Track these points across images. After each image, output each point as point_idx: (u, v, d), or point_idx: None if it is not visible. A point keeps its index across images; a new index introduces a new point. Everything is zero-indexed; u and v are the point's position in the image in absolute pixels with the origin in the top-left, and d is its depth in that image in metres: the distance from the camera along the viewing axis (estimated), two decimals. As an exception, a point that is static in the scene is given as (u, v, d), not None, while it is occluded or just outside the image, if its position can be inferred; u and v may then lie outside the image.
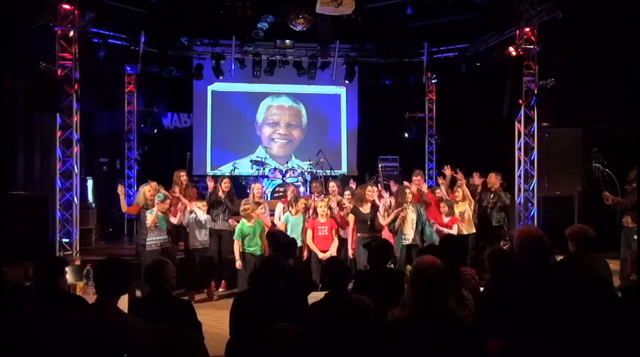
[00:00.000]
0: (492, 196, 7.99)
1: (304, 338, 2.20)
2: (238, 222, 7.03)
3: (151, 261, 3.68)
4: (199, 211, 7.13)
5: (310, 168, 11.07)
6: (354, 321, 3.18)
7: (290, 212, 7.11)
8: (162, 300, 3.41)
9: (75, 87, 7.88)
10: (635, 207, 6.86)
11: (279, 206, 7.54)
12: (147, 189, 7.27)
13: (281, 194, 9.86)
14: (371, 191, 7.25)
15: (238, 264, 6.70)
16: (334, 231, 7.05)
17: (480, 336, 2.67)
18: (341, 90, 12.88)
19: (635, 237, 6.87)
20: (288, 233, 7.00)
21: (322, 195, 7.78)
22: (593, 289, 3.84)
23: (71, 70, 7.83)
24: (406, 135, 12.38)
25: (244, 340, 3.30)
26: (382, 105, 12.28)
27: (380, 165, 10.67)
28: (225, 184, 7.71)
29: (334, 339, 3.18)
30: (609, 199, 7.01)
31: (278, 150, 12.70)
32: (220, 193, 7.61)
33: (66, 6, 7.82)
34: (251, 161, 11.16)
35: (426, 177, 12.15)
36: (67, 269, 6.10)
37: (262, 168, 11.00)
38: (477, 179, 8.24)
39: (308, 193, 9.44)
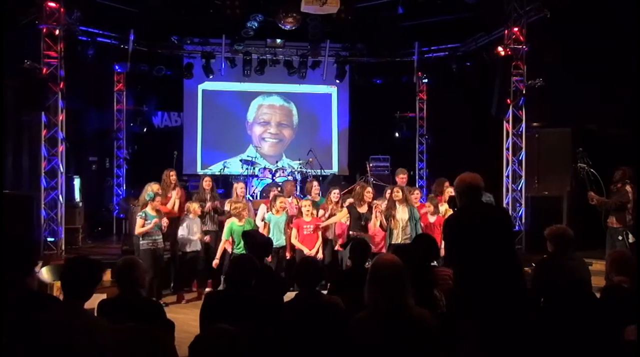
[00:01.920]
0: None
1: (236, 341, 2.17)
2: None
3: (122, 261, 3.65)
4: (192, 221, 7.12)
5: (300, 168, 11.05)
6: (323, 321, 3.16)
7: (271, 211, 7.09)
8: (132, 300, 3.39)
9: (61, 86, 7.83)
10: (619, 208, 6.86)
11: (262, 208, 7.52)
12: (155, 188, 7.16)
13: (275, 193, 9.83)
14: (369, 192, 7.24)
15: (215, 262, 6.69)
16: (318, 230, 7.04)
17: (443, 336, 2.66)
18: (332, 90, 12.86)
19: (620, 237, 6.87)
20: (270, 232, 7.00)
21: (293, 195, 7.76)
22: (572, 290, 3.86)
23: (57, 69, 7.79)
24: (397, 135, 12.36)
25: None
26: (373, 104, 12.26)
27: (369, 164, 10.60)
28: (207, 183, 7.67)
29: (302, 339, 3.16)
30: (594, 200, 7.01)
31: (269, 149, 12.68)
32: (206, 194, 7.59)
33: (52, 4, 7.77)
34: (241, 161, 11.13)
35: (416, 177, 12.17)
36: (44, 268, 6.12)
37: (252, 167, 10.97)
38: None
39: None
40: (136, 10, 10.07)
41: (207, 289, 7.12)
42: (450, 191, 7.43)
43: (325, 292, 3.93)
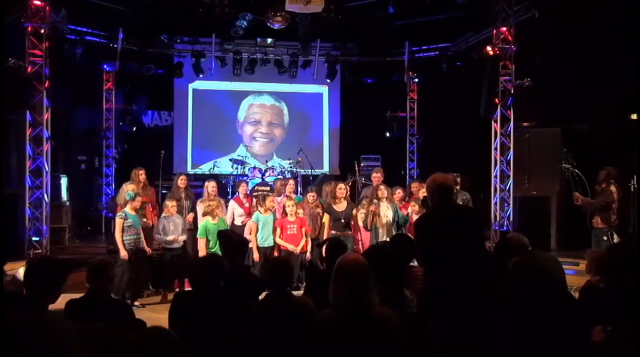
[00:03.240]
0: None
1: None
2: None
3: (96, 260, 3.63)
4: (169, 219, 7.10)
5: (291, 167, 11.03)
6: (292, 321, 3.14)
7: (259, 211, 7.07)
8: (100, 300, 3.36)
9: (46, 85, 7.78)
10: (604, 208, 6.86)
11: (231, 205, 7.57)
12: (131, 188, 7.17)
13: (263, 193, 9.80)
14: (341, 189, 7.25)
15: None
16: (303, 229, 7.03)
17: (410, 335, 2.64)
18: (323, 89, 12.83)
19: (605, 238, 6.87)
20: (259, 232, 6.99)
21: (282, 194, 7.76)
22: (545, 290, 3.83)
23: (42, 67, 7.74)
24: (388, 134, 12.33)
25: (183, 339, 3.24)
26: (364, 104, 12.25)
27: (357, 164, 10.56)
28: (182, 181, 7.66)
29: (271, 339, 3.14)
30: (579, 200, 7.01)
31: (259, 149, 12.64)
32: (181, 193, 7.57)
33: (37, 2, 7.73)
34: (231, 160, 11.10)
35: (407, 176, 12.15)
36: (22, 268, 6.07)
37: (241, 167, 10.94)
38: None
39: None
40: (125, 9, 10.04)
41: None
42: (424, 191, 7.44)
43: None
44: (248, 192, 8.41)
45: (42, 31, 7.80)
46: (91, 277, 3.47)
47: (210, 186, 7.47)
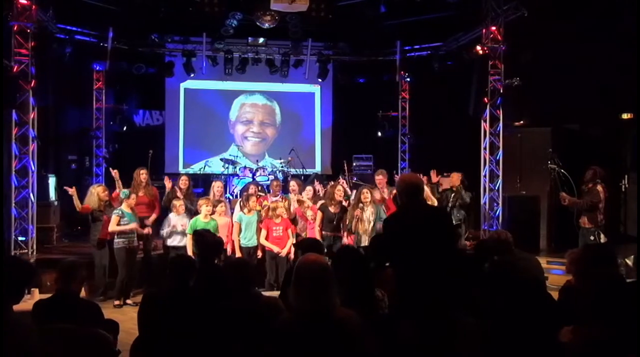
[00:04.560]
0: (452, 194, 7.95)
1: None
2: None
3: (66, 261, 3.60)
4: (176, 218, 7.05)
5: (282, 167, 11.00)
6: (260, 321, 3.11)
7: (243, 211, 7.04)
8: (69, 301, 3.34)
9: (32, 84, 7.74)
10: (591, 208, 6.83)
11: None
12: (100, 190, 7.20)
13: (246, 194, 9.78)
14: (340, 191, 7.23)
15: None
16: (289, 230, 7.00)
17: (370, 336, 2.61)
18: (315, 89, 12.80)
19: (592, 237, 6.84)
20: (242, 232, 6.96)
21: (280, 194, 7.73)
22: (523, 290, 3.81)
23: (27, 66, 7.71)
24: (379, 134, 12.30)
25: (149, 339, 3.23)
26: (356, 103, 12.23)
27: (347, 164, 10.53)
28: (184, 183, 7.64)
29: (237, 340, 3.12)
30: (566, 200, 6.99)
31: (251, 148, 12.62)
32: (179, 193, 7.53)
33: (23, 1, 7.69)
34: (222, 159, 11.07)
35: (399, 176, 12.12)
36: None
37: (232, 166, 10.91)
38: (434, 177, 8.19)
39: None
40: (115, 8, 10.00)
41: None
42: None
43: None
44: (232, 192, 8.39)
45: (29, 30, 7.75)
46: (60, 279, 3.44)
47: (216, 186, 7.46)
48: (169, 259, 3.98)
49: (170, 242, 7.02)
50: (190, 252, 6.49)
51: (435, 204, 7.64)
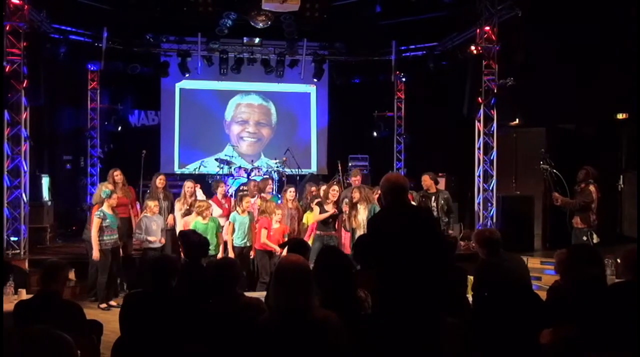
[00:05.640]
0: (432, 198, 7.74)
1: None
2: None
3: (49, 262, 3.59)
4: (150, 219, 7.03)
5: (277, 167, 10.97)
6: (239, 322, 3.09)
7: (237, 211, 7.03)
8: (51, 301, 3.32)
9: (24, 84, 7.73)
10: (583, 208, 6.82)
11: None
12: (110, 187, 7.14)
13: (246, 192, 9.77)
14: (334, 190, 7.23)
15: None
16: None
17: (345, 336, 2.59)
18: (311, 89, 12.78)
19: (585, 238, 6.82)
20: (235, 232, 6.95)
21: (257, 196, 7.71)
22: (508, 291, 3.79)
23: (20, 66, 7.70)
24: (375, 134, 12.29)
25: (130, 340, 3.21)
26: (352, 103, 12.21)
27: (339, 164, 10.50)
28: (160, 181, 7.63)
29: (218, 340, 3.10)
30: (559, 200, 6.98)
31: (247, 148, 12.60)
32: (160, 193, 7.53)
33: (15, 1, 7.68)
34: (216, 159, 11.05)
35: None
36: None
37: (227, 167, 10.88)
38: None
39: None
40: (109, 8, 10.00)
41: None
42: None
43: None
44: (227, 193, 8.36)
45: (21, 30, 7.74)
46: (43, 279, 3.43)
47: (186, 186, 7.44)
48: (148, 260, 3.95)
49: (146, 243, 6.98)
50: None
51: None
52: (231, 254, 6.85)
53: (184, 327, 3.16)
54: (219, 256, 6.77)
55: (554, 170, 7.09)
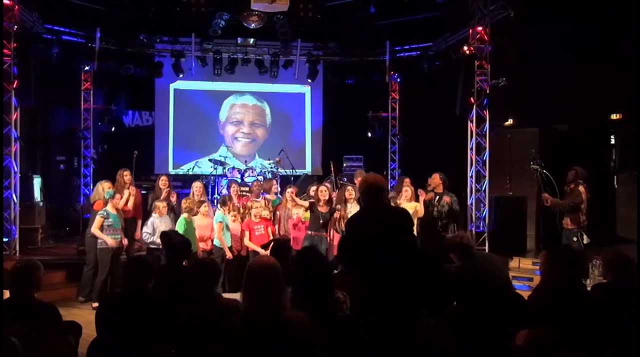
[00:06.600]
0: (437, 198, 7.54)
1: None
2: None
3: (22, 262, 3.56)
4: (158, 220, 7.01)
5: (271, 167, 10.95)
6: (216, 324, 3.07)
7: (224, 211, 7.02)
8: (26, 303, 3.30)
9: (15, 84, 7.72)
10: (573, 209, 6.79)
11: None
12: (106, 186, 7.17)
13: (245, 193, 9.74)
14: (322, 191, 7.20)
15: None
16: (269, 228, 6.98)
17: (316, 338, 2.57)
18: (306, 89, 12.76)
19: (575, 238, 6.80)
20: (222, 232, 6.93)
21: (262, 195, 7.70)
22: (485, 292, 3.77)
23: (10, 67, 7.68)
24: (369, 135, 12.27)
25: (105, 341, 3.19)
26: (346, 104, 12.20)
27: (332, 164, 10.46)
28: (163, 182, 7.62)
29: (195, 341, 3.09)
30: (549, 201, 6.95)
31: (241, 149, 12.58)
32: (164, 195, 7.52)
33: (6, 1, 7.67)
34: (210, 160, 11.03)
35: (389, 177, 12.09)
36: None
37: (221, 167, 10.86)
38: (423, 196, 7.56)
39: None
40: (102, 8, 9.99)
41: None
42: (406, 189, 7.36)
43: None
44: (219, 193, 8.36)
45: (11, 30, 7.73)
46: (15, 281, 3.40)
47: (195, 187, 7.49)
48: (126, 262, 3.93)
49: (152, 244, 6.96)
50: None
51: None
52: (228, 254, 6.84)
53: (158, 328, 3.14)
54: (228, 255, 6.84)
55: (544, 171, 7.06)
